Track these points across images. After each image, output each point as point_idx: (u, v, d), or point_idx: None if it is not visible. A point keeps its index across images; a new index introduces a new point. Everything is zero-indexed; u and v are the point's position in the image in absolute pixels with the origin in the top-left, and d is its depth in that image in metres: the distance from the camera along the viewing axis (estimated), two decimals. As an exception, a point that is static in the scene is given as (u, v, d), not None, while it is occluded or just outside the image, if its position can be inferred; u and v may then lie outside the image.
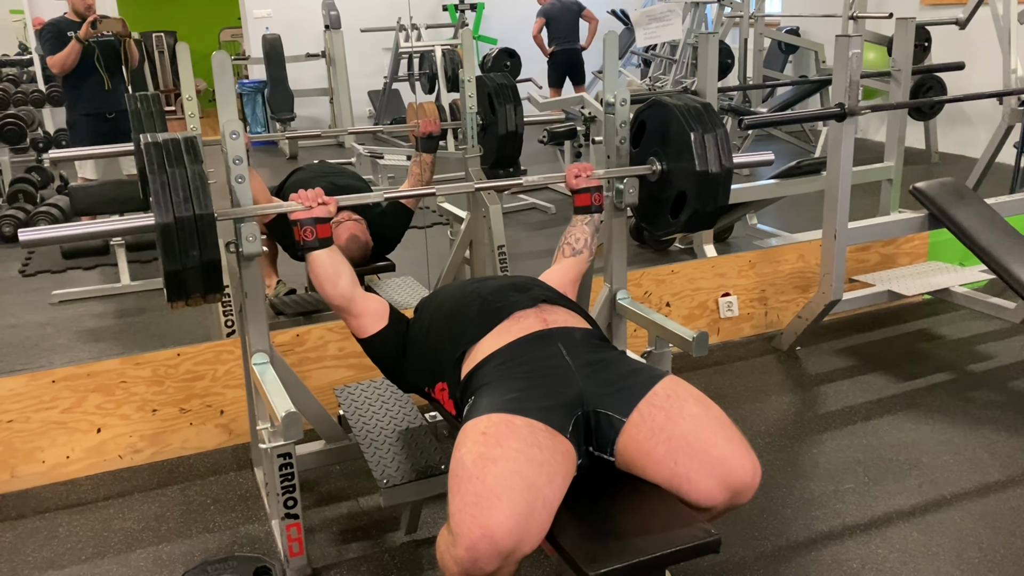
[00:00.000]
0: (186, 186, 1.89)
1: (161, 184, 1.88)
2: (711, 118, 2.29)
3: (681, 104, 2.32)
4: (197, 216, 1.89)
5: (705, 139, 2.24)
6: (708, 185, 2.26)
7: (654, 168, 2.40)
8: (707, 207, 2.30)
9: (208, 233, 1.91)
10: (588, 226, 2.39)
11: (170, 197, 1.88)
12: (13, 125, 6.09)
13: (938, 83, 6.10)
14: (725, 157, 2.26)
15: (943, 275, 3.82)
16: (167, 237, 1.88)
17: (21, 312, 4.14)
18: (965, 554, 2.28)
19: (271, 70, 8.32)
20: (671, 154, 2.35)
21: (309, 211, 2.11)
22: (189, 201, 1.89)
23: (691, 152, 2.24)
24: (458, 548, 1.56)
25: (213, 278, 1.97)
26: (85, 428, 2.80)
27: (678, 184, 2.34)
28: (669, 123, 2.33)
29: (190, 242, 1.90)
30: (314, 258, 2.12)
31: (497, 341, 1.92)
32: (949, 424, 2.96)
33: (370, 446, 2.31)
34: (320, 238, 2.11)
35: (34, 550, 2.44)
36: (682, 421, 1.75)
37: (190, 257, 1.90)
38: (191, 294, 1.98)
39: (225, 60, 2.18)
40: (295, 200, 2.13)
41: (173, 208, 1.87)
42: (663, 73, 9.15)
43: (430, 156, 3.52)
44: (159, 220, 1.87)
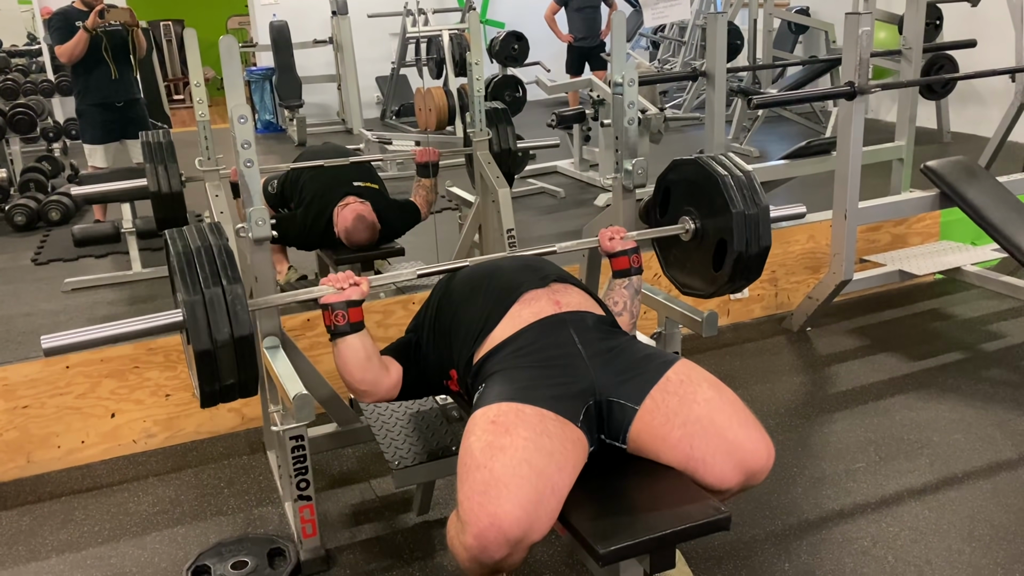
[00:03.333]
0: (224, 309, 1.78)
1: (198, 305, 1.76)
2: (736, 164, 2.27)
3: (703, 157, 2.30)
4: (237, 339, 1.78)
5: (737, 182, 2.20)
6: (748, 225, 2.20)
7: (687, 227, 2.34)
8: (751, 248, 2.23)
9: (247, 354, 1.81)
10: (627, 289, 2.23)
11: (208, 323, 1.76)
12: (23, 115, 6.11)
13: (950, 61, 6.03)
14: (758, 196, 2.22)
15: (955, 254, 3.80)
16: (204, 362, 1.78)
17: (35, 300, 4.17)
18: (976, 531, 2.28)
19: (279, 57, 8.33)
20: (702, 208, 2.30)
21: (340, 294, 1.96)
22: (228, 325, 1.77)
23: (723, 197, 2.19)
24: (467, 535, 1.57)
25: (250, 389, 1.89)
26: (100, 413, 2.82)
27: (715, 234, 2.28)
28: (694, 177, 2.30)
29: (228, 368, 1.80)
30: (345, 343, 1.94)
31: (508, 327, 1.91)
32: (960, 403, 2.96)
33: (381, 428, 2.32)
34: (352, 323, 1.94)
35: (51, 533, 2.47)
36: (696, 406, 1.76)
37: (226, 376, 1.81)
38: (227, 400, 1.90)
39: (232, 45, 2.18)
40: (325, 283, 2.00)
41: (211, 335, 1.76)
42: (672, 55, 9.11)
43: (430, 181, 3.60)
44: (197, 348, 1.76)
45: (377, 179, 3.67)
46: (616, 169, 2.60)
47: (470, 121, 3.62)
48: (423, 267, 2.20)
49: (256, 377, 1.89)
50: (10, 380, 2.70)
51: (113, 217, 4.73)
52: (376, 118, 8.89)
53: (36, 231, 5.38)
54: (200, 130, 3.34)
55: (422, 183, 3.59)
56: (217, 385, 1.83)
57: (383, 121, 8.75)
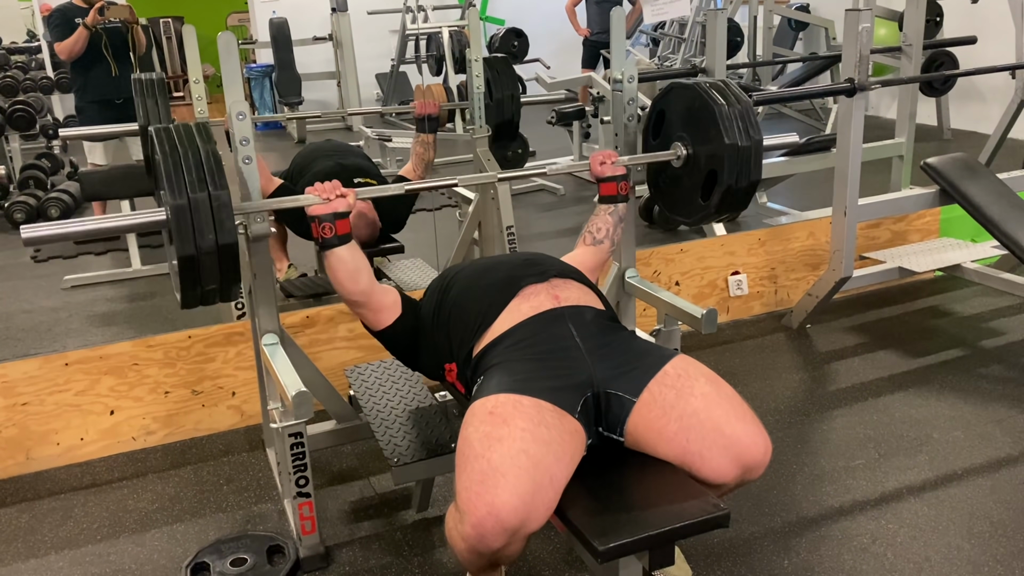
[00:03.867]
0: (199, 166, 1.76)
1: (173, 164, 1.75)
2: (734, 92, 2.24)
3: (701, 82, 2.27)
4: (213, 196, 1.76)
5: (731, 112, 2.18)
6: (739, 158, 2.18)
7: (679, 153, 2.33)
8: (740, 182, 2.22)
9: (225, 216, 1.79)
10: (612, 216, 2.29)
11: (183, 178, 1.74)
12: (22, 112, 6.11)
13: (950, 58, 6.03)
14: (753, 128, 2.20)
15: (955, 251, 3.80)
16: (181, 220, 1.75)
17: (34, 297, 4.17)
18: (975, 528, 2.28)
19: (278, 54, 8.32)
20: (695, 135, 2.28)
21: (327, 204, 1.99)
22: (204, 182, 1.75)
23: (718, 127, 2.17)
24: (465, 525, 1.58)
25: (230, 265, 1.85)
26: (99, 410, 2.82)
27: (707, 164, 2.27)
28: (690, 103, 2.27)
29: (206, 225, 1.76)
30: (334, 255, 1.99)
31: (507, 321, 1.91)
32: (960, 400, 2.96)
33: (380, 425, 2.32)
34: (340, 235, 1.98)
35: (50, 530, 2.47)
36: (693, 399, 1.76)
37: (206, 240, 1.77)
38: (207, 285, 1.86)
39: (231, 41, 2.18)
40: (311, 193, 2.02)
41: (187, 189, 1.74)
42: (672, 52, 9.10)
43: (430, 136, 3.52)
44: (172, 201, 1.73)
45: (377, 175, 3.67)
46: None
47: (469, 118, 3.61)
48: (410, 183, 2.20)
49: (236, 253, 1.86)
50: (9, 377, 2.70)
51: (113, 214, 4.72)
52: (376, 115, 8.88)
53: (36, 228, 5.37)
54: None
55: (421, 139, 3.51)
56: (194, 248, 1.80)
57: (383, 118, 8.75)
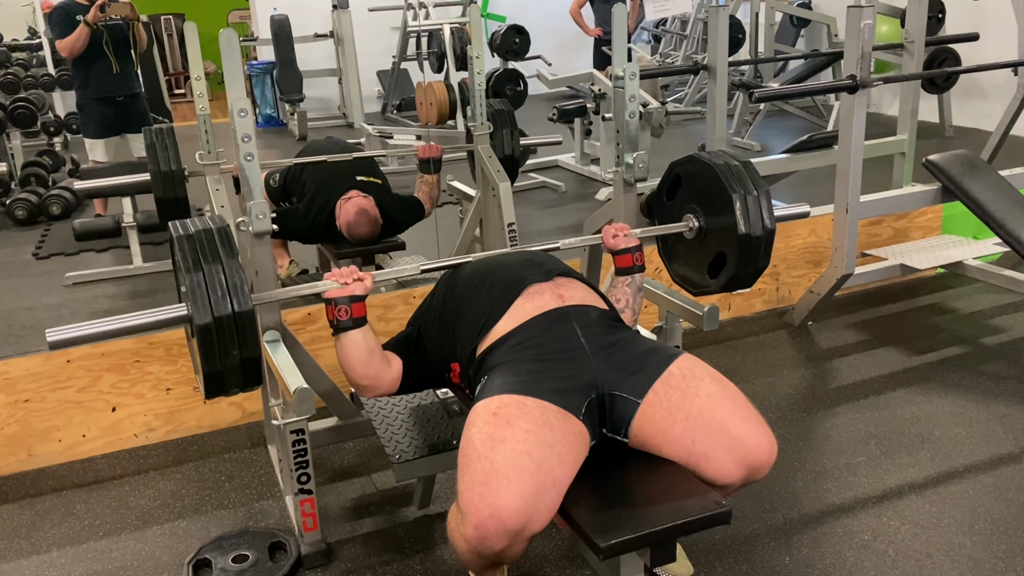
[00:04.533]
0: (223, 284, 1.78)
1: (197, 283, 1.77)
2: (753, 178, 2.21)
3: (721, 163, 2.23)
4: (237, 314, 1.78)
5: (747, 201, 2.15)
6: (750, 247, 2.17)
7: (691, 225, 2.30)
8: (748, 269, 2.21)
9: (249, 330, 1.81)
10: (630, 287, 2.22)
11: (207, 295, 1.76)
12: (24, 109, 6.11)
13: (952, 55, 6.01)
14: (768, 218, 2.17)
15: (956, 248, 3.79)
16: (206, 338, 1.78)
17: (36, 294, 4.17)
18: (976, 525, 2.28)
19: (279, 51, 8.30)
20: (710, 213, 2.25)
21: (344, 289, 1.96)
22: (227, 298, 1.77)
23: (733, 214, 2.14)
24: (467, 526, 1.58)
25: (253, 374, 1.87)
26: (100, 407, 2.82)
27: (717, 244, 2.25)
28: (709, 182, 2.23)
29: (230, 342, 1.79)
30: (347, 338, 1.95)
31: (512, 321, 1.91)
32: (962, 397, 2.95)
33: (382, 422, 2.32)
34: (355, 317, 1.95)
35: (52, 527, 2.47)
36: (699, 400, 1.75)
37: (230, 356, 1.81)
38: (230, 390, 1.89)
39: (232, 38, 2.18)
40: (329, 279, 1.99)
41: (211, 307, 1.76)
42: (674, 49, 9.09)
43: (434, 177, 3.59)
44: (198, 321, 1.76)
45: (379, 173, 3.67)
46: (617, 163, 2.59)
47: (471, 115, 3.61)
48: (426, 263, 2.20)
49: (260, 363, 1.88)
50: (11, 374, 2.70)
51: (114, 211, 4.72)
52: (377, 112, 8.87)
53: (37, 225, 5.37)
54: (200, 124, 3.34)
55: (424, 179, 3.59)
56: (219, 365, 1.81)
57: (384, 115, 8.74)
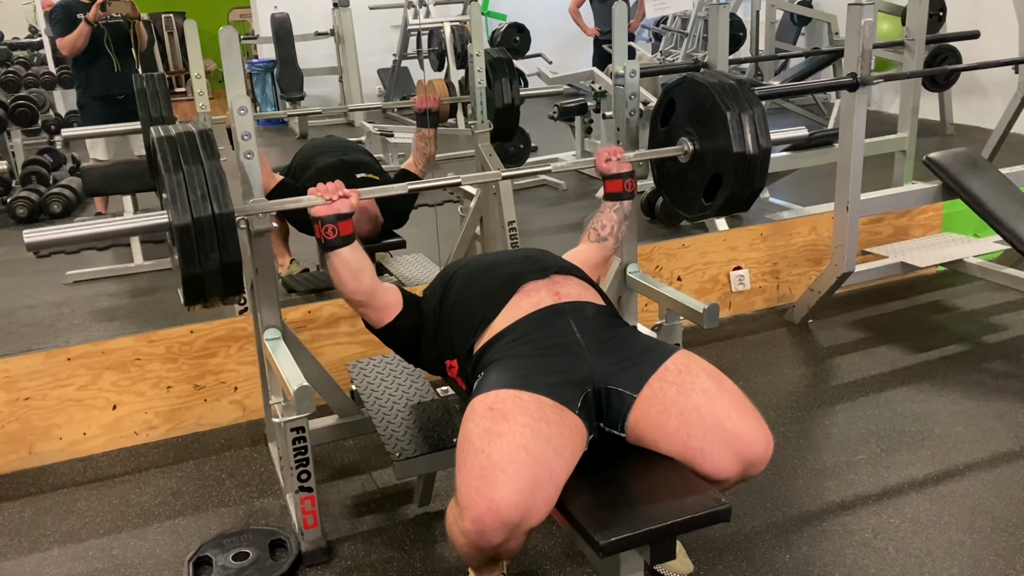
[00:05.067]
0: (204, 184, 1.77)
1: (177, 183, 1.75)
2: (747, 96, 2.18)
3: (715, 81, 2.21)
4: (217, 215, 1.77)
5: (742, 118, 2.13)
6: (746, 166, 2.15)
7: (686, 148, 2.29)
8: (744, 190, 2.20)
9: (228, 233, 1.80)
10: (616, 213, 2.26)
11: (187, 196, 1.75)
12: (25, 107, 6.11)
13: (953, 53, 6.02)
14: (763, 137, 2.15)
15: (957, 246, 3.79)
16: (185, 239, 1.76)
17: (36, 292, 4.18)
18: (977, 523, 2.28)
19: (280, 49, 8.31)
20: (704, 134, 2.23)
21: (330, 205, 1.97)
22: (207, 199, 1.76)
23: (727, 133, 2.13)
24: (465, 520, 1.58)
25: (233, 280, 1.86)
26: (101, 405, 2.83)
27: (712, 166, 2.23)
28: (702, 101, 2.21)
29: (210, 243, 1.78)
30: (337, 256, 1.99)
31: (508, 317, 1.92)
32: (962, 395, 2.95)
33: (383, 420, 2.33)
34: (343, 235, 1.98)
35: (53, 524, 2.47)
36: (694, 395, 1.76)
37: (210, 259, 1.79)
38: (210, 297, 1.87)
39: (232, 36, 2.18)
40: (314, 194, 2.00)
41: (191, 208, 1.75)
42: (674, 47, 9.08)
43: (431, 131, 3.53)
44: (176, 221, 1.75)
45: (379, 170, 3.66)
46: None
47: (471, 113, 3.61)
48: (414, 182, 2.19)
49: (239, 269, 1.86)
50: (12, 372, 2.71)
51: (115, 210, 4.73)
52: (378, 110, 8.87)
53: (38, 223, 5.38)
54: (201, 122, 3.34)
55: (422, 133, 3.52)
56: (199, 267, 1.80)
57: (384, 114, 8.74)
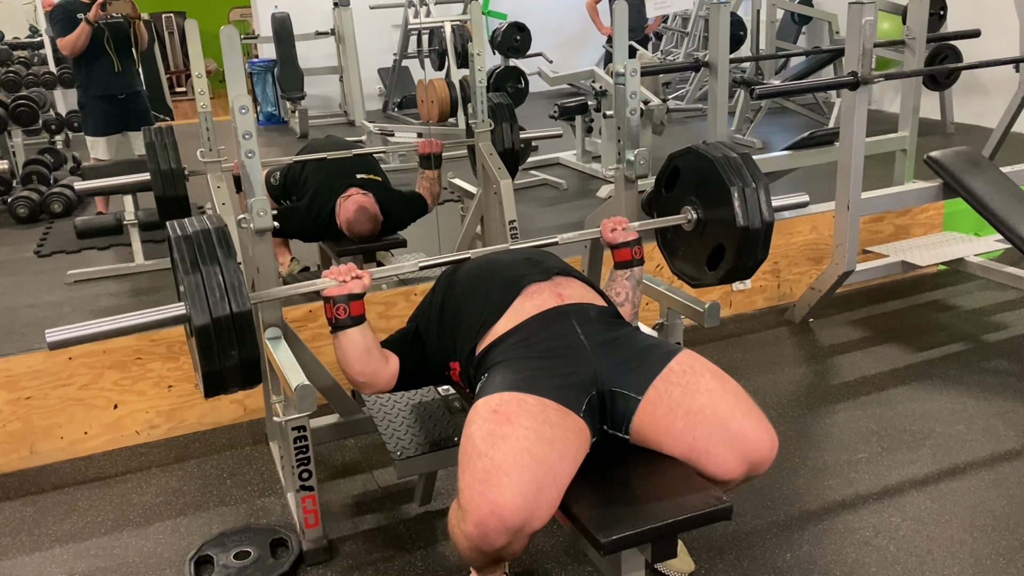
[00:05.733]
0: (222, 285, 1.78)
1: (196, 284, 1.77)
2: (751, 171, 2.20)
3: (719, 156, 2.22)
4: (235, 315, 1.78)
5: (746, 193, 2.15)
6: (749, 240, 2.16)
7: (689, 217, 2.30)
8: (747, 262, 2.21)
9: (247, 331, 1.81)
10: (629, 280, 2.23)
11: (205, 297, 1.76)
12: (25, 107, 6.11)
13: (953, 52, 6.01)
14: (767, 211, 2.16)
15: (958, 245, 3.79)
16: (204, 338, 1.78)
17: (37, 292, 4.18)
18: (978, 522, 2.28)
19: (280, 49, 8.30)
20: (708, 204, 2.25)
21: (342, 287, 1.95)
22: (226, 299, 1.77)
23: (731, 206, 2.14)
24: (467, 524, 1.58)
25: (252, 374, 1.87)
26: (102, 404, 2.83)
27: (716, 236, 2.25)
28: (707, 174, 2.22)
29: (228, 342, 1.79)
30: (345, 336, 1.95)
31: (511, 319, 1.91)
32: (963, 394, 2.95)
33: (384, 419, 2.33)
34: (353, 316, 1.94)
35: (54, 523, 2.48)
36: (699, 396, 1.76)
37: (229, 356, 1.81)
38: (229, 390, 1.89)
39: (233, 35, 2.18)
40: (327, 276, 1.98)
41: (209, 308, 1.76)
42: (675, 46, 9.08)
43: (434, 172, 3.59)
44: (196, 321, 1.77)
45: (379, 171, 3.67)
46: (618, 160, 2.59)
47: (472, 112, 3.61)
48: (425, 260, 2.20)
49: (258, 364, 1.88)
50: (13, 371, 2.71)
51: (115, 209, 4.73)
52: (378, 110, 8.87)
53: (39, 223, 5.38)
54: (202, 122, 3.34)
55: (425, 175, 3.60)
56: (218, 365, 1.81)
57: (385, 113, 8.74)
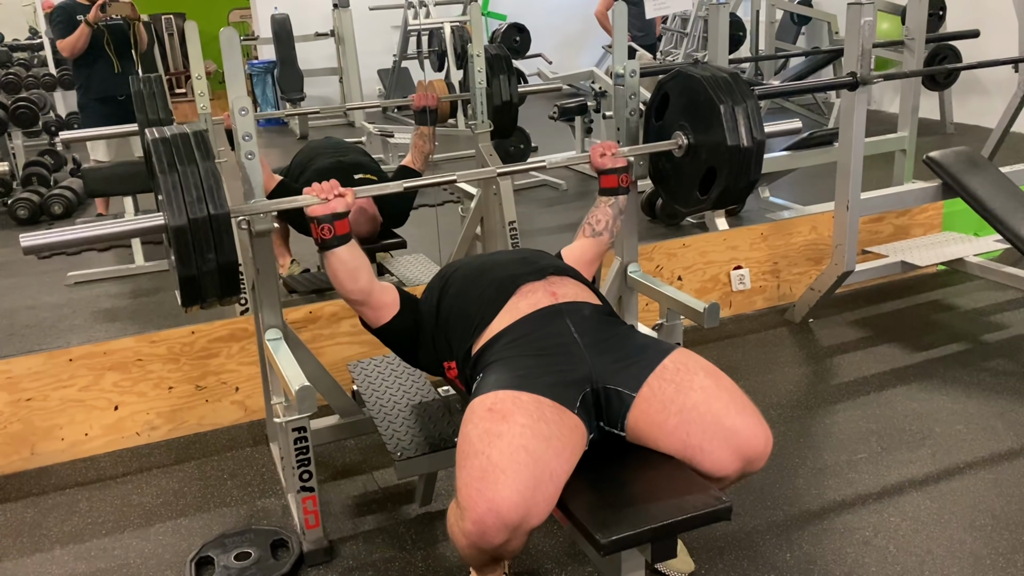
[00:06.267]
0: (199, 185, 1.76)
1: (172, 184, 1.75)
2: (740, 88, 2.18)
3: (708, 75, 2.20)
4: (212, 216, 1.77)
5: (735, 111, 2.13)
6: (740, 159, 2.15)
7: (680, 143, 2.29)
8: (739, 183, 2.20)
9: (224, 234, 1.80)
10: (612, 208, 2.27)
11: (182, 197, 1.75)
12: (25, 108, 6.12)
13: (953, 52, 6.02)
14: (757, 129, 2.15)
15: (957, 245, 3.79)
16: (181, 240, 1.76)
17: (38, 294, 4.18)
18: (977, 521, 2.28)
19: (280, 50, 8.31)
20: (698, 127, 2.24)
21: (326, 205, 1.97)
22: (203, 200, 1.76)
23: (721, 125, 2.12)
24: (466, 522, 1.59)
25: (230, 281, 1.86)
26: (103, 406, 2.83)
27: (707, 159, 2.23)
28: (696, 95, 2.21)
29: (206, 244, 1.78)
30: (333, 255, 1.99)
31: (506, 319, 1.92)
32: (962, 394, 2.96)
33: (384, 420, 2.33)
34: (339, 235, 1.97)
35: (55, 525, 2.48)
36: (693, 393, 1.76)
37: (206, 260, 1.79)
38: (207, 298, 1.87)
39: (233, 36, 2.18)
40: (309, 193, 2.00)
41: (186, 209, 1.75)
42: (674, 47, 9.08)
43: (429, 128, 3.53)
44: (171, 222, 1.75)
45: (377, 171, 3.67)
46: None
47: (471, 113, 3.61)
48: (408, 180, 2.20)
49: (236, 270, 1.86)
50: (14, 373, 2.71)
51: (115, 211, 4.74)
52: (378, 111, 8.88)
53: (39, 225, 5.39)
54: (202, 123, 3.35)
55: (420, 131, 3.52)
56: (195, 269, 1.79)
57: (385, 114, 8.75)
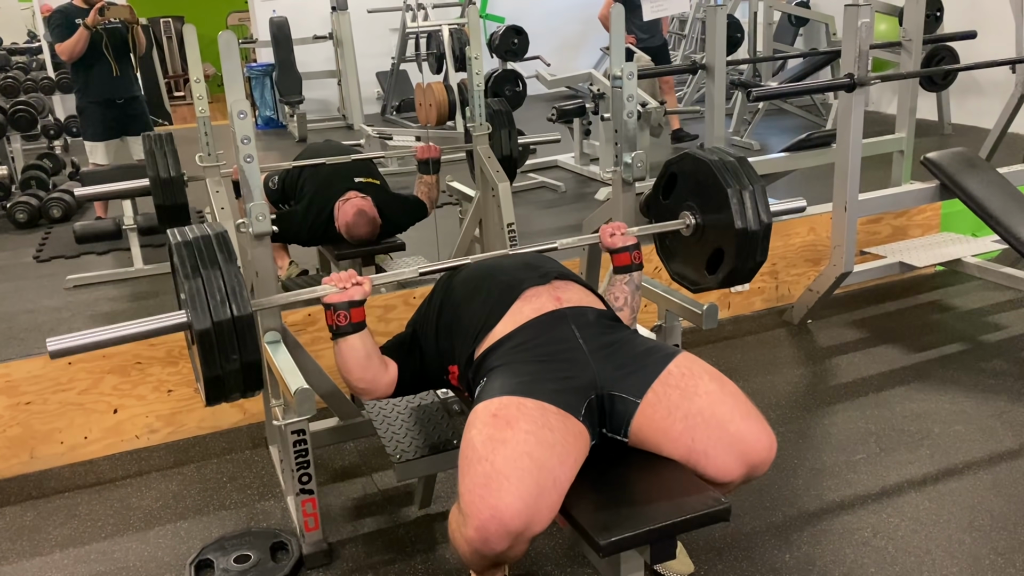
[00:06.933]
0: (222, 288, 1.78)
1: (196, 289, 1.77)
2: (748, 173, 2.22)
3: (715, 159, 2.24)
4: (236, 318, 1.78)
5: (743, 195, 2.16)
6: (747, 242, 2.18)
7: (688, 223, 2.31)
8: (747, 264, 2.23)
9: (248, 334, 1.81)
10: (628, 285, 2.23)
11: (207, 301, 1.77)
12: (24, 112, 6.12)
13: (950, 53, 6.02)
14: (764, 213, 2.18)
15: (955, 246, 3.80)
16: (206, 342, 1.78)
17: (37, 297, 4.18)
18: (976, 522, 2.28)
19: (279, 53, 8.32)
20: (706, 209, 2.26)
21: (343, 293, 1.96)
22: (227, 303, 1.78)
23: (729, 209, 2.16)
24: (468, 528, 1.58)
25: (254, 378, 1.87)
26: (102, 409, 2.83)
27: (715, 240, 2.26)
28: (704, 177, 2.24)
29: (230, 346, 1.79)
30: (346, 343, 1.96)
31: (510, 323, 1.92)
32: (961, 394, 2.96)
33: (383, 422, 2.33)
34: (354, 322, 1.95)
35: (55, 528, 2.48)
36: (698, 398, 1.76)
37: (230, 360, 1.81)
38: (231, 395, 1.89)
39: (231, 39, 2.19)
40: (328, 283, 1.99)
41: (211, 312, 1.76)
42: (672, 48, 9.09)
43: (432, 178, 3.60)
44: (197, 326, 1.77)
45: (378, 174, 3.68)
46: (616, 163, 2.60)
47: (470, 116, 3.62)
48: (425, 265, 2.21)
49: (260, 367, 1.88)
50: (13, 376, 2.71)
51: (114, 214, 4.73)
52: (377, 113, 8.88)
53: (38, 228, 5.39)
54: (200, 126, 3.35)
55: (423, 179, 3.60)
56: (220, 369, 1.81)
57: (384, 116, 8.74)
